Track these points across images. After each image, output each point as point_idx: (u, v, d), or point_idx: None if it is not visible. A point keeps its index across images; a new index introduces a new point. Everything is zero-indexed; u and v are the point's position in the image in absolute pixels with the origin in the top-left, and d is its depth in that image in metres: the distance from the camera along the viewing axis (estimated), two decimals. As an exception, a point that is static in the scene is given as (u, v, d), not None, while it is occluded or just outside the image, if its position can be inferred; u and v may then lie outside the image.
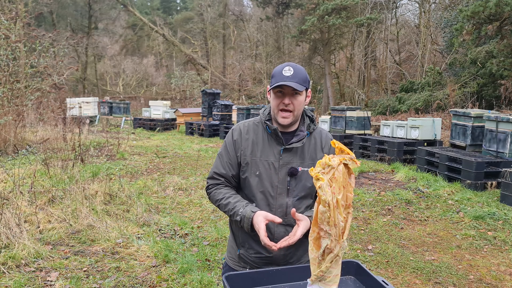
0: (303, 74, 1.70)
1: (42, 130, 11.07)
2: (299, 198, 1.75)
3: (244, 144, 1.78)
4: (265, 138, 1.77)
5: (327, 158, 1.28)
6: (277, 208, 1.74)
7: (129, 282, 3.40)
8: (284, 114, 1.72)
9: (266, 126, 1.78)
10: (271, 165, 1.74)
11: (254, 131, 1.80)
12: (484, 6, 11.61)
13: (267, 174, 1.74)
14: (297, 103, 1.71)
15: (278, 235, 1.72)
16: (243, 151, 1.78)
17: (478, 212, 5.20)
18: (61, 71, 11.60)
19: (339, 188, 1.28)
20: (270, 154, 1.75)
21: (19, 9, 14.71)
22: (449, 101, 14.99)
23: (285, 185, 1.74)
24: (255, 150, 1.77)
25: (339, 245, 1.30)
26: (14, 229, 3.97)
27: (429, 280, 3.59)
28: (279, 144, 1.76)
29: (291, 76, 1.66)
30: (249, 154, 1.77)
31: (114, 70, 33.37)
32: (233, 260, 1.87)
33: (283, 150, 1.74)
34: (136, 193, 5.96)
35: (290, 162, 1.74)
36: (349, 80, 23.64)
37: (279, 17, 25.60)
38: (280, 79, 1.67)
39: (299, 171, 1.74)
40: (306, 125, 1.81)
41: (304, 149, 1.77)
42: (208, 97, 15.23)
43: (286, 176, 1.74)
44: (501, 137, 6.70)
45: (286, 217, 1.73)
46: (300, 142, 1.75)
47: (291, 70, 1.68)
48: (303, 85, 1.69)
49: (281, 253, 1.76)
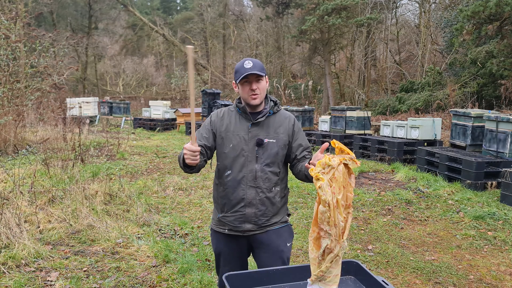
0: (260, 64, 2.10)
1: (42, 130, 11.07)
2: (266, 165, 2.13)
3: (219, 123, 2.19)
4: (237, 117, 2.19)
5: (327, 158, 1.28)
6: (248, 173, 2.11)
7: (129, 282, 3.40)
8: (253, 96, 2.11)
9: (237, 108, 2.19)
10: (242, 138, 2.13)
11: (228, 114, 2.21)
12: (484, 6, 11.60)
13: (239, 145, 2.13)
14: (261, 86, 2.11)
15: (250, 196, 2.11)
16: (218, 129, 2.18)
17: (478, 212, 5.20)
18: (61, 71, 11.60)
19: (339, 188, 1.28)
20: (240, 130, 2.15)
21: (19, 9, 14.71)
22: (449, 101, 14.99)
23: (254, 154, 2.12)
24: (228, 127, 2.16)
25: (339, 245, 1.30)
26: (14, 229, 3.97)
27: (429, 280, 3.59)
28: (248, 120, 2.16)
29: (252, 67, 2.05)
30: (224, 130, 2.16)
31: (114, 70, 33.35)
32: (215, 224, 2.25)
33: (251, 125, 2.15)
34: (136, 193, 5.96)
35: (257, 135, 2.13)
36: (349, 80, 23.63)
37: (279, 17, 25.59)
38: (245, 71, 2.05)
39: (265, 142, 2.12)
40: (269, 106, 2.20)
41: (270, 124, 2.17)
42: (208, 97, 15.23)
43: (255, 146, 2.12)
44: (501, 137, 6.70)
45: (256, 181, 2.12)
46: (264, 117, 2.15)
47: (250, 63, 2.06)
48: (263, 72, 2.08)
49: (252, 211, 2.12)
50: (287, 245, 2.21)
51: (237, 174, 2.12)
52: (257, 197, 2.12)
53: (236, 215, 2.14)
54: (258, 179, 2.11)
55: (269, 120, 2.17)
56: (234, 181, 2.13)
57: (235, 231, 2.17)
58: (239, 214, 2.14)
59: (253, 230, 2.16)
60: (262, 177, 2.12)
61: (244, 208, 2.12)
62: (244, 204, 2.12)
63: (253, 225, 2.14)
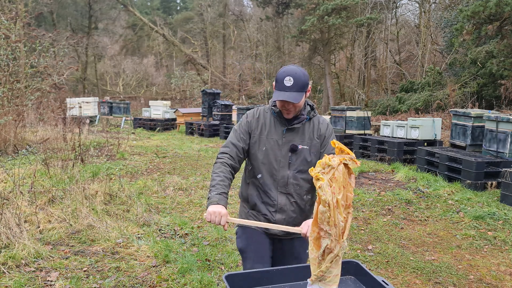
0: (302, 80, 1.96)
1: (42, 130, 11.07)
2: (298, 171, 2.07)
3: (255, 124, 2.12)
4: (272, 120, 2.11)
5: (327, 158, 1.28)
6: (280, 179, 2.06)
7: (129, 282, 3.40)
8: (286, 112, 2.05)
9: (272, 111, 2.11)
10: (275, 142, 2.07)
11: (263, 116, 2.14)
12: (484, 6, 11.60)
13: (272, 149, 2.07)
14: (298, 105, 2.03)
15: (281, 202, 2.07)
16: (253, 130, 2.12)
17: (478, 212, 5.20)
18: (61, 71, 11.60)
19: (339, 188, 1.28)
20: (275, 133, 2.09)
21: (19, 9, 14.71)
22: (449, 101, 14.99)
23: (286, 160, 2.06)
24: (263, 130, 2.10)
25: (339, 245, 1.30)
26: (14, 229, 3.97)
27: (429, 280, 3.59)
28: (283, 125, 2.09)
29: (291, 86, 1.94)
30: (258, 133, 2.10)
31: (114, 70, 33.35)
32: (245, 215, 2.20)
33: (286, 130, 2.08)
34: (136, 193, 5.96)
35: (291, 140, 2.07)
36: (349, 80, 23.63)
37: (279, 17, 25.59)
38: (282, 89, 1.95)
39: (299, 148, 2.06)
40: (307, 111, 2.12)
41: (305, 130, 2.10)
42: (208, 97, 15.23)
43: (288, 152, 2.06)
44: (501, 137, 6.70)
45: (287, 187, 2.07)
46: (300, 123, 2.08)
47: (291, 80, 1.94)
48: (302, 91, 1.97)
49: (282, 217, 2.08)
50: (306, 252, 2.17)
51: (268, 179, 2.08)
52: (288, 203, 2.07)
53: (266, 217, 2.10)
54: (289, 186, 2.07)
55: (305, 125, 2.11)
56: (265, 185, 2.09)
57: (263, 230, 2.14)
58: (269, 218, 2.10)
59: (279, 236, 2.14)
60: (294, 184, 2.07)
61: (274, 213, 2.09)
62: (275, 209, 2.08)
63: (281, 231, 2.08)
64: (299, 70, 1.99)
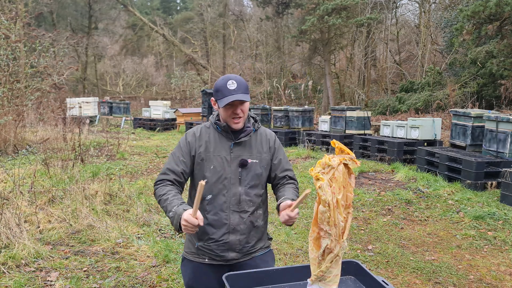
0: (245, 85, 1.92)
1: (42, 130, 11.07)
2: (250, 187, 1.97)
3: (197, 144, 1.99)
4: (216, 137, 2.00)
5: (327, 158, 1.28)
6: (231, 197, 1.94)
7: (129, 282, 3.40)
8: (236, 120, 1.94)
9: (217, 126, 2.01)
10: (223, 158, 1.96)
11: (206, 132, 2.02)
12: (484, 6, 11.60)
13: (221, 167, 1.94)
14: (244, 109, 1.95)
15: (233, 221, 1.94)
16: (197, 149, 1.98)
17: (478, 212, 5.20)
18: (61, 71, 11.60)
19: (339, 188, 1.28)
20: (222, 150, 1.97)
21: (19, 9, 14.71)
22: (449, 101, 14.99)
23: (237, 176, 1.95)
24: (208, 147, 1.97)
25: (339, 245, 1.30)
26: (14, 229, 3.97)
27: (429, 280, 3.59)
28: (230, 140, 1.98)
29: (237, 89, 1.87)
30: (204, 151, 1.97)
31: (114, 70, 33.35)
32: (192, 254, 2.04)
33: (234, 145, 1.97)
34: (136, 193, 5.96)
35: (240, 155, 1.97)
36: (349, 80, 23.63)
37: (279, 17, 25.59)
38: (228, 93, 1.87)
39: (249, 162, 1.97)
40: (251, 123, 2.04)
41: (252, 143, 2.01)
42: (208, 97, 15.22)
43: (238, 167, 1.95)
44: (501, 137, 6.70)
45: (240, 205, 1.95)
46: (247, 136, 1.99)
47: (234, 84, 1.88)
48: (247, 93, 1.91)
49: (236, 238, 1.95)
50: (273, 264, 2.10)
51: (219, 198, 1.93)
52: (241, 222, 1.94)
53: (219, 243, 1.95)
54: (242, 203, 1.95)
55: (251, 139, 2.01)
56: (215, 206, 1.93)
57: (217, 260, 1.97)
58: (221, 243, 1.94)
59: (237, 259, 1.98)
60: (247, 200, 1.95)
61: (227, 235, 1.94)
62: (227, 231, 1.94)
63: (238, 253, 1.97)
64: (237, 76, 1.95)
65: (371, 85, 23.46)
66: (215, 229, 1.94)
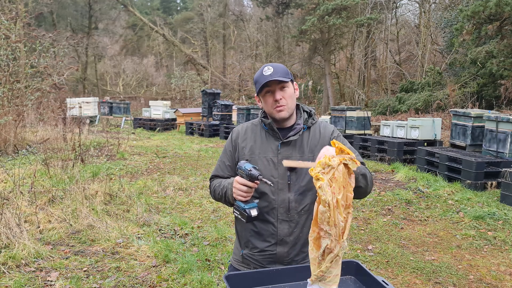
0: (283, 68, 1.72)
1: (42, 130, 11.07)
2: (301, 193, 1.72)
3: (242, 144, 1.81)
4: (263, 135, 1.79)
5: (327, 158, 1.28)
6: (280, 204, 1.72)
7: (129, 282, 3.40)
8: (279, 108, 1.73)
9: (263, 124, 1.80)
10: (269, 160, 1.74)
11: (252, 131, 1.83)
12: (484, 6, 11.61)
13: (266, 170, 1.72)
14: (287, 95, 1.73)
15: (282, 232, 1.73)
16: (241, 150, 1.80)
17: (478, 212, 5.20)
18: (61, 71, 11.60)
19: (339, 188, 1.28)
20: (268, 150, 1.76)
21: (19, 9, 14.71)
22: (449, 101, 15.00)
23: (285, 180, 1.72)
24: (253, 147, 1.78)
25: (339, 245, 1.30)
26: (14, 229, 3.97)
27: (429, 280, 3.59)
28: (277, 139, 1.76)
29: (273, 73, 1.69)
30: (248, 152, 1.78)
31: (114, 70, 33.37)
32: (237, 261, 1.88)
33: (281, 145, 1.75)
34: (136, 193, 5.96)
35: (289, 156, 1.73)
36: (349, 80, 23.64)
37: (279, 17, 25.60)
38: (264, 79, 1.69)
39: None
40: (303, 119, 1.81)
41: (303, 142, 1.77)
42: (208, 97, 15.23)
43: (286, 171, 1.72)
44: (501, 137, 6.70)
45: (289, 213, 1.72)
46: (296, 135, 1.75)
47: (270, 69, 1.70)
48: (287, 77, 1.70)
49: (285, 250, 1.75)
50: None
51: (265, 206, 1.72)
52: (291, 233, 1.73)
53: (264, 254, 1.76)
54: (292, 211, 1.72)
55: (303, 136, 1.77)
56: (262, 214, 1.71)
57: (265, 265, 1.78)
58: (268, 254, 1.75)
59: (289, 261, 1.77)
60: (297, 209, 1.72)
61: (274, 246, 1.74)
62: (274, 241, 1.73)
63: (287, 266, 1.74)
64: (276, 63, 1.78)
65: (371, 85, 23.47)
66: (261, 238, 1.75)
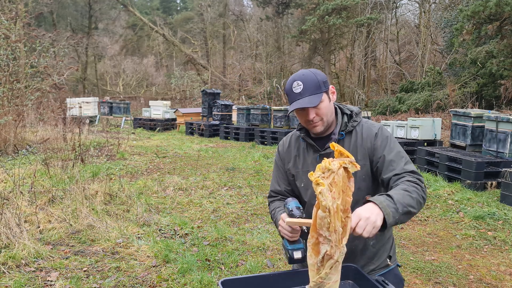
0: (314, 82, 1.61)
1: (42, 130, 11.07)
2: None
3: (287, 157, 1.79)
4: (304, 148, 1.75)
5: (327, 162, 1.27)
6: None
7: (129, 282, 3.41)
8: (313, 125, 1.66)
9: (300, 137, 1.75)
10: None
11: (295, 143, 1.79)
12: (484, 6, 11.61)
13: (310, 184, 1.66)
14: (321, 111, 1.63)
15: None
16: (286, 165, 1.79)
17: (478, 212, 5.20)
18: (61, 71, 11.59)
19: (339, 193, 1.25)
20: (309, 164, 1.72)
21: (19, 9, 14.71)
22: (449, 101, 15.00)
23: None
24: (296, 162, 1.76)
25: (339, 251, 1.28)
26: (14, 229, 3.97)
27: (429, 280, 3.59)
28: (316, 151, 1.71)
29: (302, 92, 1.59)
30: (292, 166, 1.76)
31: (114, 70, 33.37)
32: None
33: (319, 157, 1.68)
34: (136, 193, 5.96)
35: None
36: (349, 80, 23.64)
37: (279, 17, 25.60)
38: (294, 98, 1.61)
39: None
40: (341, 124, 1.71)
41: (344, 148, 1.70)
42: (208, 97, 15.23)
43: None
44: (501, 137, 6.70)
45: None
46: None
47: (300, 85, 1.60)
48: (318, 93, 1.60)
49: None
50: None
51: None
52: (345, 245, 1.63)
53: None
54: None
55: (343, 143, 1.68)
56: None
57: None
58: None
59: None
60: None
61: None
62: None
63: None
64: (308, 71, 1.65)
65: (371, 85, 23.47)
66: None
